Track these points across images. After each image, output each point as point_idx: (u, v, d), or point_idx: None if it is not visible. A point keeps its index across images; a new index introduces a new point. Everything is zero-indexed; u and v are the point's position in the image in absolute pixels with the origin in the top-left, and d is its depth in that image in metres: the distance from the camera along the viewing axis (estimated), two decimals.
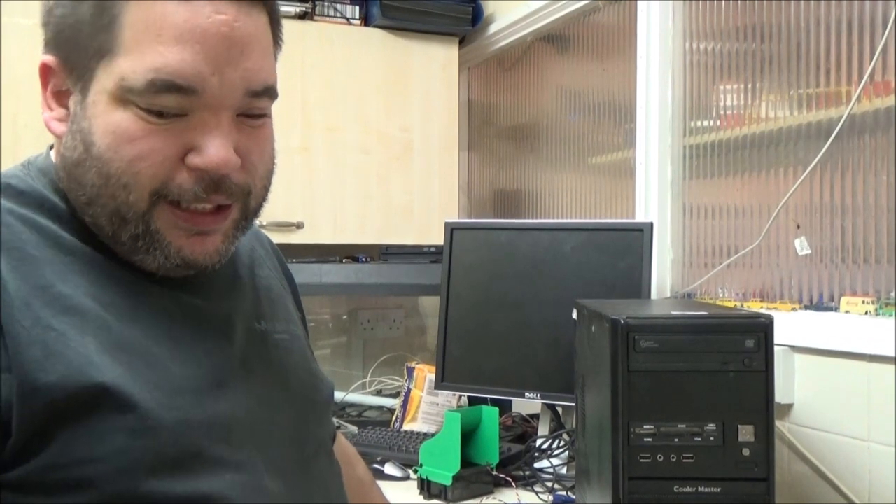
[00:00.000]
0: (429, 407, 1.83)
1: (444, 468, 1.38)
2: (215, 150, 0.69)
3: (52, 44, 0.72)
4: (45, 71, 0.73)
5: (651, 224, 1.56)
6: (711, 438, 0.95)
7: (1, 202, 0.69)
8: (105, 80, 0.68)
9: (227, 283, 0.82)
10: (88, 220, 0.71)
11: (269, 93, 0.75)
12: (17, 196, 0.71)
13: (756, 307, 1.48)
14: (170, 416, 0.66)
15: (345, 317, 2.48)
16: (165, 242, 0.71)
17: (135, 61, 0.67)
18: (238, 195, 0.73)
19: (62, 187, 0.72)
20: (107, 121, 0.68)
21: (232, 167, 0.71)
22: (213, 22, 0.68)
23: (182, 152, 0.69)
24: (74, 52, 0.70)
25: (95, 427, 0.63)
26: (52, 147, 0.76)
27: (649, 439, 0.95)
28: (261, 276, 0.88)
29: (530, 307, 1.64)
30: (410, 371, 1.88)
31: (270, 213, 2.15)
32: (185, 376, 0.70)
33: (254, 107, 0.74)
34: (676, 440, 0.95)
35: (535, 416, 1.73)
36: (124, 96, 0.67)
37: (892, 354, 1.17)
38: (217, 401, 0.72)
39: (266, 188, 0.78)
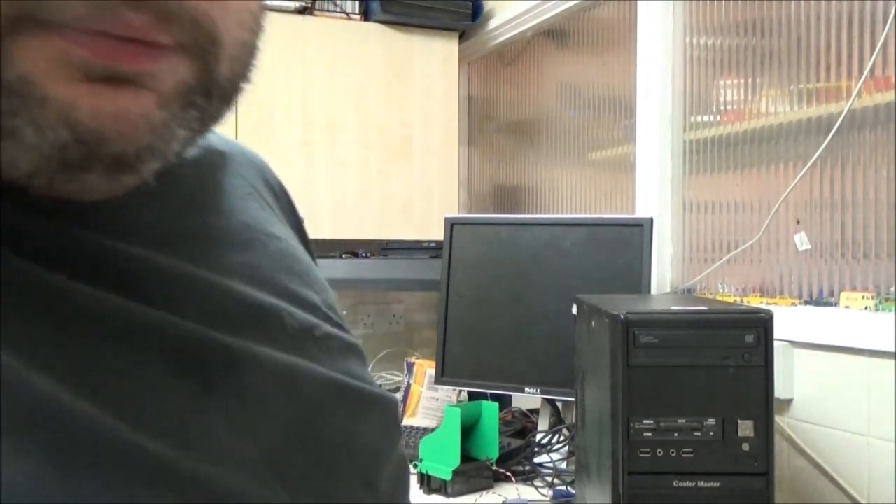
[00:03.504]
0: (428, 402, 1.83)
1: (443, 463, 1.38)
2: None
3: None
4: None
5: (651, 219, 1.56)
6: (711, 433, 0.95)
7: None
8: None
9: (225, 247, 0.44)
10: None
11: None
12: None
13: (756, 302, 1.48)
14: None
15: (345, 312, 2.46)
16: (40, 96, 0.31)
17: None
18: (190, 36, 0.33)
19: None
20: None
21: None
22: None
23: None
24: None
25: None
26: None
27: (649, 434, 0.95)
28: (278, 238, 0.48)
29: (530, 302, 1.64)
30: (410, 366, 1.88)
31: None
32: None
33: None
34: (676, 435, 0.95)
35: (535, 412, 1.73)
36: None
37: (892, 350, 1.17)
38: None
39: (250, 47, 0.37)
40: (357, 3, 2.24)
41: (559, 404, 1.64)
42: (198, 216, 0.44)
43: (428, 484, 1.40)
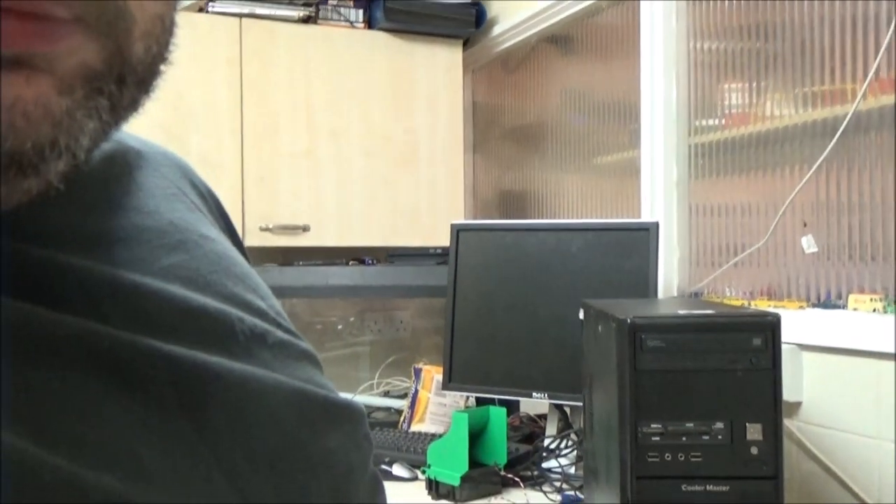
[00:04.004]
0: (436, 408, 1.83)
1: (452, 469, 1.38)
2: None
3: None
4: None
5: (657, 223, 1.56)
6: (719, 437, 0.95)
7: None
8: None
9: (154, 252, 0.37)
10: None
11: None
12: None
13: (763, 305, 1.48)
14: None
15: (352, 319, 2.48)
16: None
17: None
18: (94, 8, 0.27)
19: None
20: None
21: None
22: None
23: None
24: None
25: None
26: None
27: (657, 438, 0.95)
28: (212, 239, 0.42)
29: (537, 308, 1.64)
30: (418, 372, 1.88)
31: (276, 216, 2.19)
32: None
33: None
34: (684, 439, 0.95)
35: (543, 417, 1.73)
36: None
37: None
38: None
39: (166, 21, 0.31)
40: (360, 12, 2.25)
41: (567, 409, 1.64)
42: (117, 216, 0.37)
43: (436, 490, 1.40)
